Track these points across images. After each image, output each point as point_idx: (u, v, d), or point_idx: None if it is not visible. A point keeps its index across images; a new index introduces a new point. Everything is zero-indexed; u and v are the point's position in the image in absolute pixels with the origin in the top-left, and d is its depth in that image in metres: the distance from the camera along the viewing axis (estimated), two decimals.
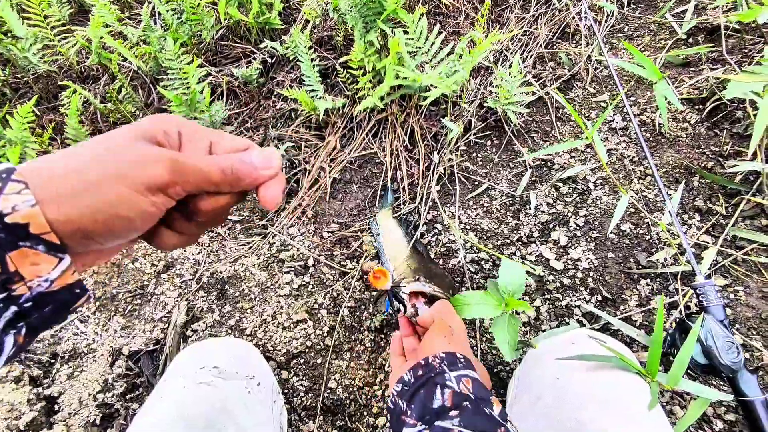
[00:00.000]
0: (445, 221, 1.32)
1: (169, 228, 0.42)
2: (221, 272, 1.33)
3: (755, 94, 1.04)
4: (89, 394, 1.20)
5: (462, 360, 0.67)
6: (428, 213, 1.35)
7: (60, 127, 1.73)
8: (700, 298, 0.91)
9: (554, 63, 1.61)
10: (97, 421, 1.17)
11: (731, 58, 1.40)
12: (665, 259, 1.15)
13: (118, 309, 1.31)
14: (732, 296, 1.07)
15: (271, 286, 1.28)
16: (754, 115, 1.21)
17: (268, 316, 1.21)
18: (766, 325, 1.02)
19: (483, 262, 1.23)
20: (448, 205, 1.36)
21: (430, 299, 0.91)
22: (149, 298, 1.33)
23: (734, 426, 0.96)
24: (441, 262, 1.26)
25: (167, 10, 1.72)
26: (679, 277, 1.12)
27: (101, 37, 1.71)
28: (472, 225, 1.31)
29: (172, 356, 1.21)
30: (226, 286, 1.30)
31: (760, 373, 0.98)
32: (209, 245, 1.42)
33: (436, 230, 1.32)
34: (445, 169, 1.41)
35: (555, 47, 1.64)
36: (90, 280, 1.37)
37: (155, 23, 1.89)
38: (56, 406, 1.19)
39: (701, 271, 0.94)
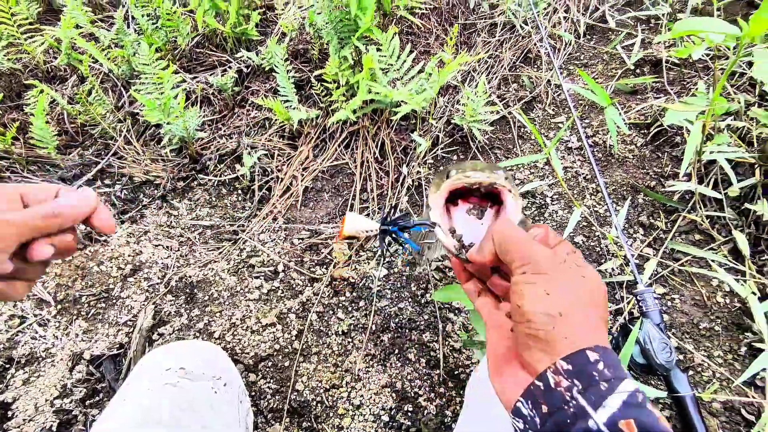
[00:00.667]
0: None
1: (17, 279, 0.49)
2: (190, 276, 1.33)
3: (688, 122, 1.16)
4: (46, 400, 1.17)
5: (608, 363, 0.37)
6: None
7: (24, 126, 1.69)
8: (641, 304, 1.01)
9: (517, 85, 1.72)
10: (54, 428, 1.14)
11: (672, 89, 1.55)
12: (613, 269, 1.25)
13: (81, 312, 1.29)
14: (669, 303, 1.17)
15: (241, 291, 1.30)
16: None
17: (237, 320, 1.23)
18: (698, 329, 1.13)
19: (447, 270, 1.30)
20: (416, 215, 1.43)
21: (484, 198, 0.54)
22: (114, 301, 1.31)
23: (669, 421, 1.05)
24: (407, 269, 1.32)
25: (142, 15, 1.73)
26: (624, 285, 1.22)
27: (72, 38, 1.70)
28: None
29: (137, 360, 1.20)
30: (195, 290, 1.31)
31: (691, 372, 1.07)
32: (179, 250, 1.42)
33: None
34: (413, 180, 1.48)
35: (518, 70, 1.75)
36: (52, 282, 1.34)
37: (129, 27, 1.89)
38: (10, 413, 1.16)
39: (642, 280, 1.03)
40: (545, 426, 0.36)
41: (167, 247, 1.43)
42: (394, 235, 0.55)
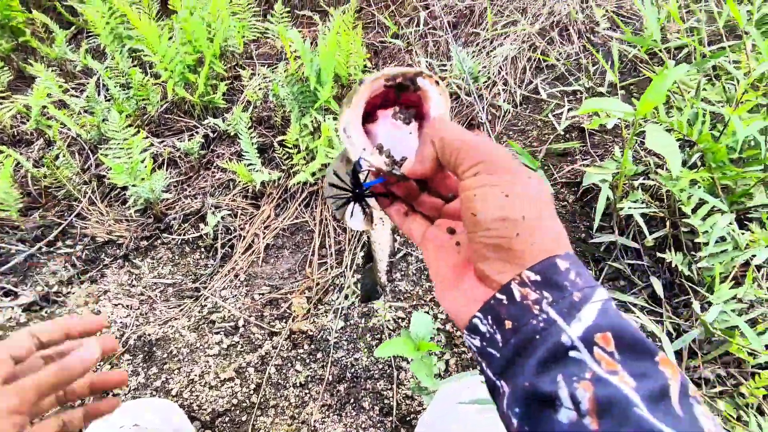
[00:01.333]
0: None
1: None
2: (149, 335, 1.36)
3: (603, 182, 1.34)
4: None
5: (579, 272, 0.33)
6: (353, 276, 1.50)
7: None
8: None
9: None
10: None
11: (595, 152, 1.76)
12: None
13: None
14: None
15: (201, 347, 1.33)
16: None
17: (195, 375, 1.25)
18: None
19: (400, 320, 1.38)
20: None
21: (407, 105, 0.45)
22: None
23: None
24: (363, 321, 1.39)
25: (114, 85, 1.84)
26: None
27: (43, 106, 1.78)
28: (392, 287, 1.47)
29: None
30: (154, 348, 1.33)
31: None
32: (139, 308, 1.45)
33: (359, 292, 1.47)
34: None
35: None
36: None
37: (99, 95, 2.00)
38: None
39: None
40: (508, 344, 0.32)
41: (127, 306, 1.45)
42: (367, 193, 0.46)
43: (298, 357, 1.31)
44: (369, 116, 0.45)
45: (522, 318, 0.32)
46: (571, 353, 0.29)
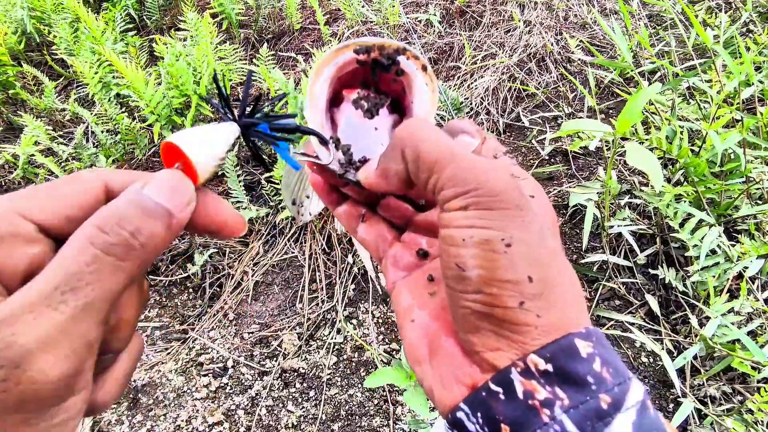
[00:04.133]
0: (359, 317, 1.44)
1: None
2: (135, 381, 1.30)
3: (588, 201, 1.35)
4: None
5: (606, 359, 0.24)
6: (345, 309, 1.46)
7: None
8: None
9: None
10: None
11: (580, 174, 1.78)
12: None
13: None
14: None
15: (188, 391, 1.27)
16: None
17: (182, 421, 1.19)
18: None
19: (393, 353, 1.34)
20: (363, 302, 1.49)
21: (381, 91, 0.35)
22: None
23: None
24: (356, 355, 1.35)
25: (102, 131, 1.86)
26: None
27: (30, 154, 1.79)
28: (383, 319, 1.43)
29: None
30: (139, 395, 1.27)
31: None
32: None
33: (352, 324, 1.43)
34: (359, 269, 1.57)
35: None
36: None
37: (87, 141, 2.01)
38: None
39: None
40: None
41: None
42: (262, 134, 0.31)
43: (290, 396, 1.26)
44: (337, 100, 0.34)
45: (525, 425, 0.22)
46: None
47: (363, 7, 2.38)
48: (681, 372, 1.19)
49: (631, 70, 1.45)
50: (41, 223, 0.22)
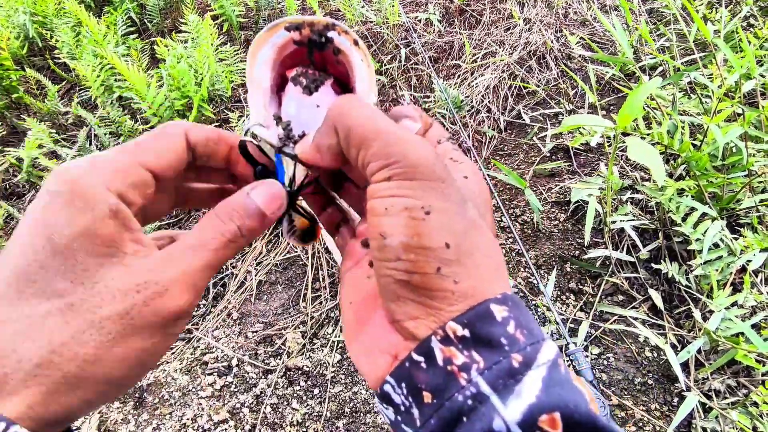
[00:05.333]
0: None
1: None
2: (140, 380, 1.31)
3: (590, 197, 1.35)
4: None
5: (520, 323, 0.25)
6: None
7: None
8: (573, 364, 1.08)
9: None
10: None
11: (582, 171, 1.78)
12: (551, 333, 1.33)
13: None
14: (605, 362, 1.25)
15: (193, 389, 1.28)
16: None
17: (188, 419, 1.20)
18: (633, 384, 1.20)
19: None
20: None
21: (322, 70, 0.36)
22: None
23: None
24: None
25: (105, 133, 1.87)
26: (563, 350, 1.30)
27: (34, 157, 1.80)
28: None
29: None
30: (145, 394, 1.28)
31: (634, 428, 1.12)
32: None
33: None
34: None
35: None
36: None
37: (90, 144, 2.03)
38: None
39: (571, 340, 1.12)
40: (428, 424, 0.23)
41: None
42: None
43: (295, 394, 1.26)
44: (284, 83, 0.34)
45: (445, 390, 0.23)
46: None
47: (363, 7, 2.39)
48: (685, 366, 1.19)
49: (632, 66, 1.45)
50: (153, 170, 0.27)
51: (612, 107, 2.00)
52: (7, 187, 1.98)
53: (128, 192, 0.26)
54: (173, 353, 1.39)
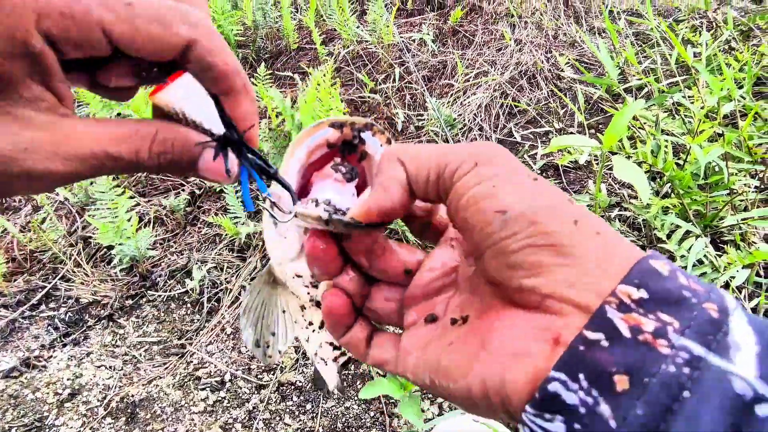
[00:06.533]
0: None
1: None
2: (133, 395, 1.31)
3: None
4: None
5: (684, 272, 0.22)
6: None
7: None
8: None
9: None
10: None
11: (572, 188, 1.82)
12: None
13: None
14: None
15: (185, 405, 1.28)
16: None
17: None
18: None
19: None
20: None
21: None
22: (47, 431, 1.26)
23: None
24: (352, 367, 1.37)
25: None
26: None
27: None
28: None
29: None
30: (137, 410, 1.28)
31: None
32: (122, 369, 1.41)
33: None
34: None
35: None
36: None
37: None
38: None
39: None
40: (630, 417, 0.18)
41: (110, 367, 1.41)
42: (248, 164, 0.30)
43: (287, 409, 1.27)
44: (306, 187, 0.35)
45: (644, 367, 0.18)
46: (761, 409, 0.17)
47: (358, 27, 2.45)
48: None
49: (617, 88, 1.51)
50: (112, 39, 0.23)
51: (601, 126, 2.06)
52: (3, 201, 1.99)
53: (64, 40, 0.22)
54: (166, 368, 1.40)
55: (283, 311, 0.40)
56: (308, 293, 0.37)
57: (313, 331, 0.41)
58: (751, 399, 0.17)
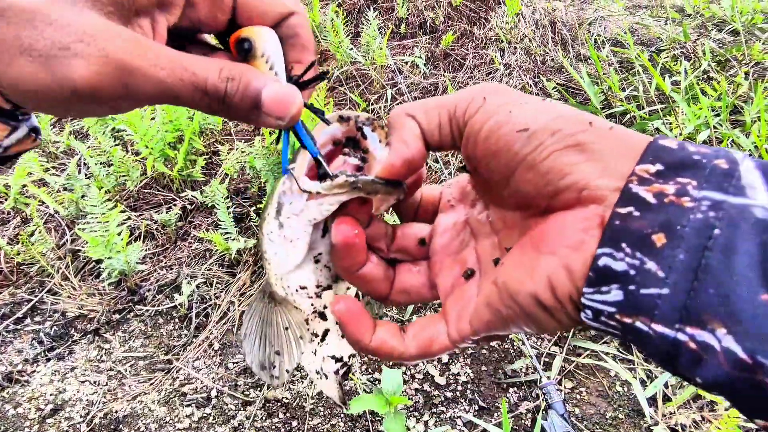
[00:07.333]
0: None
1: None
2: (117, 411, 1.30)
3: None
4: None
5: (687, 143, 0.25)
6: None
7: None
8: (546, 397, 1.12)
9: None
10: None
11: None
12: (527, 367, 1.37)
13: None
14: (578, 396, 1.29)
15: (170, 421, 1.27)
16: None
17: None
18: (605, 419, 1.24)
19: (376, 382, 1.36)
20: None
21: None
22: None
23: None
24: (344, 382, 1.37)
25: (95, 163, 1.91)
26: (537, 383, 1.34)
27: (23, 185, 1.82)
28: None
29: None
30: (121, 426, 1.27)
31: None
32: (107, 384, 1.39)
33: None
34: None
35: None
36: None
37: (80, 173, 2.05)
38: None
39: (544, 374, 1.16)
40: (675, 265, 0.21)
41: (94, 382, 1.40)
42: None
43: (273, 426, 1.27)
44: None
45: (675, 221, 0.21)
46: None
47: (351, 49, 2.51)
48: (654, 400, 1.23)
49: (600, 114, 1.56)
50: None
51: None
52: None
53: None
54: (152, 384, 1.39)
55: (286, 328, 0.40)
56: (312, 304, 0.38)
57: (319, 343, 0.41)
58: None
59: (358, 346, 0.32)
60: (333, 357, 0.41)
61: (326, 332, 0.40)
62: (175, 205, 1.94)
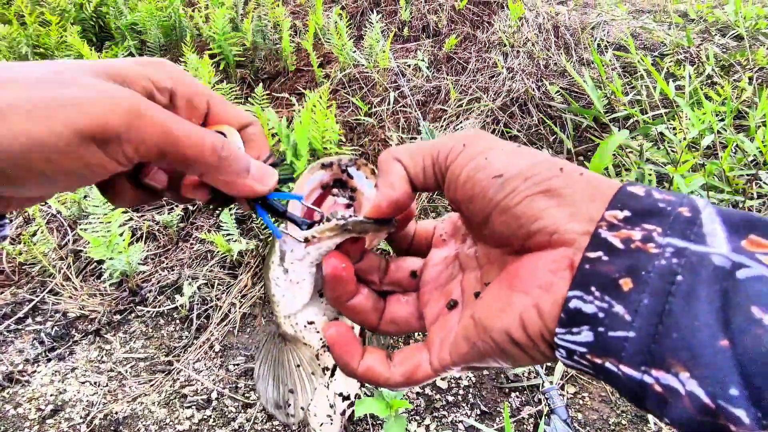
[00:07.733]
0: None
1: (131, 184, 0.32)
2: (117, 413, 1.30)
3: None
4: None
5: (653, 191, 0.27)
6: None
7: None
8: (548, 402, 1.11)
9: None
10: None
11: None
12: (529, 371, 1.36)
13: None
14: (581, 402, 1.28)
15: (170, 423, 1.27)
16: None
17: None
18: (608, 425, 1.23)
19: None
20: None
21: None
22: None
23: None
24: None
25: None
26: (539, 388, 1.33)
27: None
28: None
29: None
30: (121, 427, 1.27)
31: None
32: (107, 385, 1.39)
33: None
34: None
35: None
36: None
37: None
38: None
39: (546, 379, 1.16)
40: (640, 309, 0.22)
41: (95, 383, 1.39)
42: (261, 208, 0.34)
43: (273, 429, 1.26)
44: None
45: (641, 266, 0.22)
46: (740, 273, 0.21)
47: (354, 51, 2.51)
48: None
49: (604, 118, 1.56)
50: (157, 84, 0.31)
51: (589, 153, 2.11)
52: None
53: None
54: (151, 385, 1.38)
55: (297, 366, 0.41)
56: (320, 339, 0.39)
57: (330, 378, 0.42)
58: (731, 267, 0.21)
59: (346, 370, 0.33)
60: (341, 395, 0.42)
61: (336, 366, 0.41)
62: (176, 206, 1.94)
